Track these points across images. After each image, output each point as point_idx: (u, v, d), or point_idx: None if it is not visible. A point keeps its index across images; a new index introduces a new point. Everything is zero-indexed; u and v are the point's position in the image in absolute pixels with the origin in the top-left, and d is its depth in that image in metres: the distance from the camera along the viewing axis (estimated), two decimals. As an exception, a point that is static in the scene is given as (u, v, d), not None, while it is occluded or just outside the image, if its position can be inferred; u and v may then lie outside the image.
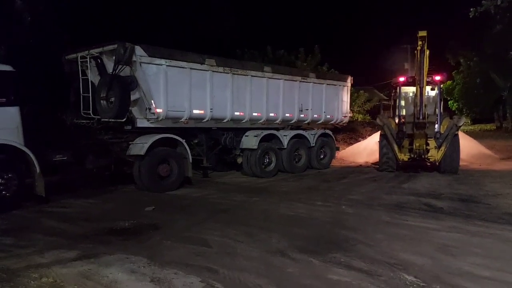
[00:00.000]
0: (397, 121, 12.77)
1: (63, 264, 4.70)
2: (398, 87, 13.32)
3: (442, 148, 11.84)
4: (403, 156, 12.12)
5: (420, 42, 11.22)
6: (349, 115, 15.03)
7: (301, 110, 12.71)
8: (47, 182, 7.88)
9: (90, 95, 9.48)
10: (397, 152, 12.13)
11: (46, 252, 5.10)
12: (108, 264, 4.69)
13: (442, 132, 11.97)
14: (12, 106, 7.53)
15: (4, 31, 11.59)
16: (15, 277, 4.31)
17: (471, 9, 15.87)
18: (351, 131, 21.17)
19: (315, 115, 13.18)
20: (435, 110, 12.60)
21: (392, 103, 14.31)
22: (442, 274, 4.41)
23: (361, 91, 23.74)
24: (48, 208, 7.73)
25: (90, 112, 9.50)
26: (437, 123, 12.03)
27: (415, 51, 11.79)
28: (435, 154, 11.89)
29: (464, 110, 34.20)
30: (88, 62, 9.45)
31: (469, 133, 21.76)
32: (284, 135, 12.31)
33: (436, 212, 7.34)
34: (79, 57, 9.61)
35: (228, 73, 10.74)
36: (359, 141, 19.51)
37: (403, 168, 12.56)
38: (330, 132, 14.01)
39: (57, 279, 4.27)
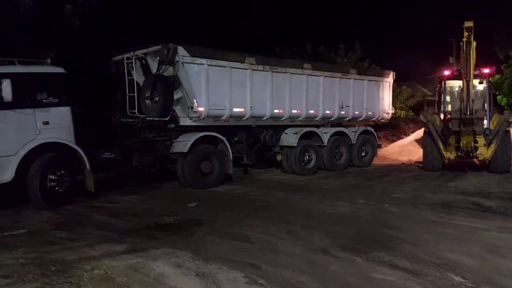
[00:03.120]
0: (442, 117, 12.20)
1: (113, 257, 4.92)
2: (443, 81, 12.72)
3: (492, 145, 11.25)
4: (449, 155, 11.59)
5: (466, 33, 10.69)
6: (391, 111, 14.66)
7: (342, 107, 12.55)
8: (96, 178, 8.27)
9: (136, 95, 9.83)
10: (442, 150, 11.59)
11: (97, 246, 5.37)
12: (155, 257, 4.86)
13: (491, 128, 11.40)
14: (64, 106, 7.95)
15: (55, 35, 12.23)
16: (70, 269, 4.57)
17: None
18: (393, 128, 20.61)
19: (356, 112, 12.98)
20: (483, 105, 11.98)
21: (437, 99, 13.60)
22: (492, 275, 4.25)
23: (403, 87, 23.05)
24: (98, 203, 8.11)
25: (136, 111, 9.85)
26: (486, 119, 11.43)
27: (461, 43, 11.25)
28: (484, 152, 11.31)
29: (515, 105, 32.37)
30: (134, 63, 9.79)
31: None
32: (324, 132, 12.19)
33: (485, 212, 7.05)
34: (125, 59, 9.98)
35: (267, 71, 10.79)
36: (402, 138, 18.98)
37: (449, 167, 12.05)
38: (371, 129, 13.72)
39: (108, 271, 4.49)
